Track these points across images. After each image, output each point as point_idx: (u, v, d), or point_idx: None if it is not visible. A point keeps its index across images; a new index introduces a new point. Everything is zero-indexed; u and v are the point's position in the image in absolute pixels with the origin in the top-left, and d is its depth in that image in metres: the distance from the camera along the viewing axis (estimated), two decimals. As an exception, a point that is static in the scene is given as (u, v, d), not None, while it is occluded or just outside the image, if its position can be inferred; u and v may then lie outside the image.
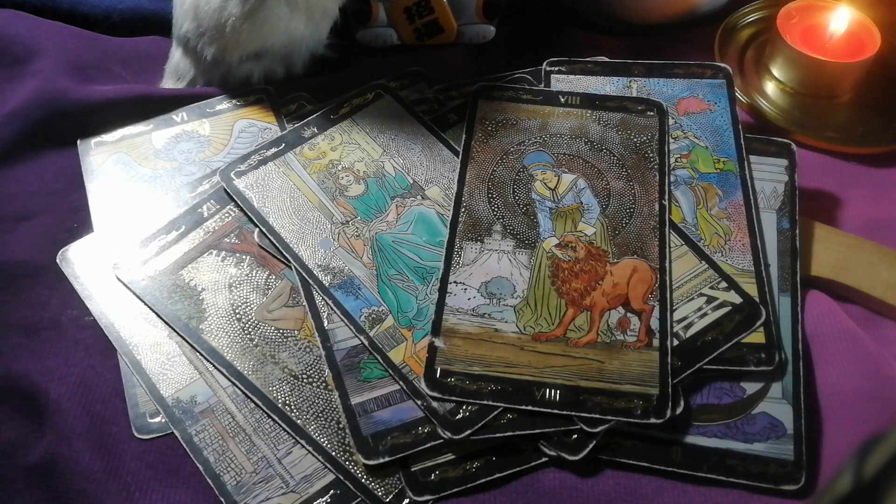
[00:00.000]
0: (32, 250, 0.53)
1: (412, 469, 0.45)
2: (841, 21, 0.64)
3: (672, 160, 0.56)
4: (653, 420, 0.45)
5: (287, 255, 0.51)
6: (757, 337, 0.48)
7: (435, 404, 0.46)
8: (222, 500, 0.44)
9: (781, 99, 0.64)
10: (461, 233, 0.52)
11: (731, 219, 0.53)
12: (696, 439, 0.46)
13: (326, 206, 0.54)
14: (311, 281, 0.50)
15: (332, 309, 0.50)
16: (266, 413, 0.47)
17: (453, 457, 0.45)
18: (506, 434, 0.45)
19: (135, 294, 0.51)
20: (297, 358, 0.49)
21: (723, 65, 0.61)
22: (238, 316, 0.50)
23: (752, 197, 0.54)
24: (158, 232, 0.53)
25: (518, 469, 0.45)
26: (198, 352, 0.49)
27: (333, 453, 0.45)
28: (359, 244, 0.52)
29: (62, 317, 0.50)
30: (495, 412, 0.45)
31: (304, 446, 0.46)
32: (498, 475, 0.45)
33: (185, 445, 0.46)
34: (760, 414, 0.46)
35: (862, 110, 0.64)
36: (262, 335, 0.49)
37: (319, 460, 0.45)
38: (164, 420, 0.47)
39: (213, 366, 0.48)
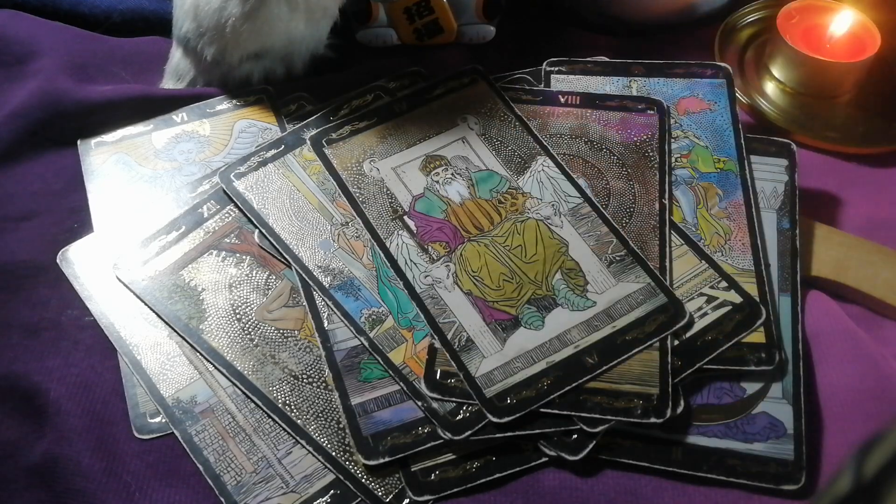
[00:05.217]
0: (33, 250, 0.53)
1: (412, 469, 0.45)
2: (841, 21, 0.64)
3: (672, 160, 0.56)
4: (653, 420, 0.45)
5: (287, 257, 0.51)
6: (757, 337, 0.48)
7: (435, 405, 0.46)
8: (222, 500, 0.44)
9: (781, 99, 0.64)
10: (461, 233, 0.52)
11: (732, 218, 0.53)
12: (697, 439, 0.46)
13: (326, 207, 0.54)
14: (311, 282, 0.50)
15: (333, 310, 0.50)
16: (266, 413, 0.47)
17: (453, 457, 0.45)
18: (506, 434, 0.45)
19: (135, 294, 0.51)
20: (297, 358, 0.49)
21: (723, 64, 0.61)
22: (238, 316, 0.50)
23: (752, 197, 0.54)
24: (158, 232, 0.53)
25: (518, 469, 0.45)
26: (198, 352, 0.49)
27: (333, 453, 0.45)
28: (359, 245, 0.52)
29: (62, 317, 0.50)
30: (495, 412, 0.45)
31: (304, 446, 0.46)
32: (498, 475, 0.45)
33: (185, 445, 0.46)
34: (760, 414, 0.46)
35: (862, 110, 0.64)
36: (262, 335, 0.49)
37: (319, 460, 0.45)
38: (164, 420, 0.47)
39: (214, 366, 0.48)
